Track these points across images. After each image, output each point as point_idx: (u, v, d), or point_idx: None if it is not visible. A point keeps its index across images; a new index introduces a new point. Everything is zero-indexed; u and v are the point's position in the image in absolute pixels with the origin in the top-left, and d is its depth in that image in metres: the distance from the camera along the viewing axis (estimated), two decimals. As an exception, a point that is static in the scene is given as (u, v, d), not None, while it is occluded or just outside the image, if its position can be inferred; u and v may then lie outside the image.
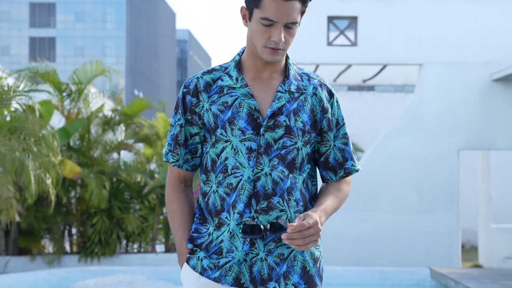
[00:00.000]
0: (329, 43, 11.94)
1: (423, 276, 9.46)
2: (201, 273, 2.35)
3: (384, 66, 12.89)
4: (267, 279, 2.31)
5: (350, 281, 9.54)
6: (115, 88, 14.21)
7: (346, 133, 2.49)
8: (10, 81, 9.45)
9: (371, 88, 32.35)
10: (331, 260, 11.47)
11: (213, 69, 2.42)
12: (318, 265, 2.42)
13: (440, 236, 11.64)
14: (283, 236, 2.17)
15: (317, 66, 13.23)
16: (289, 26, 2.29)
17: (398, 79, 14.56)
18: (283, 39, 2.28)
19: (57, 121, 12.10)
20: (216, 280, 2.33)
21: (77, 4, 67.33)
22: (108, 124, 11.70)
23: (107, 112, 12.30)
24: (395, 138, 11.81)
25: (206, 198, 2.39)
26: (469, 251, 15.74)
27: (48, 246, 11.56)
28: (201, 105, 2.37)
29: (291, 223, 2.18)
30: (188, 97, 2.39)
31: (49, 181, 6.90)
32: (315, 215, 2.23)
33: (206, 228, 2.39)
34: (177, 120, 2.42)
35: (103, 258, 11.03)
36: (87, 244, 11.06)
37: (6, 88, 6.66)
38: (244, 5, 2.37)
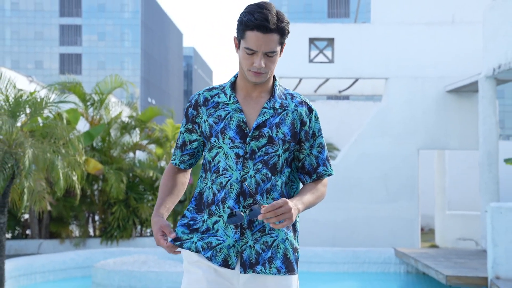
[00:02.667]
0: (310, 60, 11.95)
1: (388, 255, 9.45)
2: (196, 251, 2.38)
3: (357, 79, 12.91)
4: (255, 263, 2.33)
5: (327, 259, 9.54)
6: (131, 96, 14.16)
7: (321, 143, 2.50)
8: (43, 92, 9.43)
9: (346, 98, 32.33)
10: (311, 242, 11.49)
11: (214, 87, 2.46)
12: (296, 254, 2.43)
13: (403, 221, 11.67)
14: (259, 216, 2.19)
15: (300, 80, 13.23)
16: (269, 55, 2.31)
17: (368, 90, 14.58)
18: (263, 65, 2.30)
19: (82, 126, 12.07)
20: (208, 258, 2.35)
21: (99, 26, 67.12)
22: (125, 128, 11.67)
23: (125, 118, 12.27)
24: (366, 139, 11.83)
25: (202, 192, 2.44)
26: (427, 233, 15.78)
27: (75, 230, 11.53)
28: (200, 117, 2.42)
29: (265, 205, 2.23)
30: (190, 110, 2.44)
31: (75, 178, 6.88)
32: (286, 199, 2.25)
33: (201, 216, 2.42)
34: (182, 127, 2.50)
35: (121, 241, 11.01)
36: (108, 229, 11.03)
37: (39, 100, 6.64)
38: (235, 36, 2.40)
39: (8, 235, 10.97)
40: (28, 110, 6.68)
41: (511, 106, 58.73)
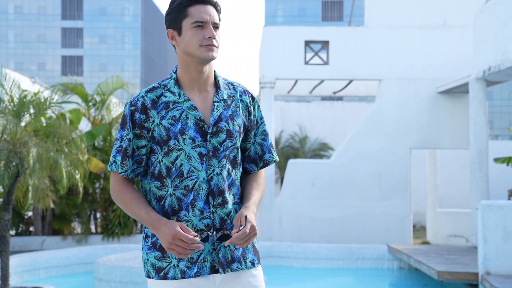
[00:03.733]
0: (306, 62, 11.94)
1: (382, 251, 9.43)
2: (182, 277, 2.20)
3: (351, 81, 12.90)
4: (231, 262, 2.24)
5: (323, 256, 9.52)
6: (131, 97, 14.14)
7: (264, 130, 2.40)
8: (46, 93, 9.40)
9: (340, 99, 32.38)
10: (307, 239, 11.49)
11: (154, 87, 2.26)
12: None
13: (395, 219, 11.67)
14: (226, 243, 2.14)
15: (296, 81, 13.21)
16: (215, 26, 2.23)
17: (361, 91, 14.58)
18: (215, 34, 2.20)
19: (84, 125, 12.05)
20: (196, 275, 2.20)
21: (101, 28, 67.04)
22: (126, 128, 11.63)
23: (125, 118, 12.23)
24: (360, 139, 11.83)
25: (162, 201, 2.23)
26: (419, 230, 15.77)
27: (77, 227, 11.50)
28: (151, 121, 2.20)
29: (234, 230, 2.13)
30: (137, 114, 2.21)
31: (77, 176, 6.85)
32: (250, 217, 2.16)
33: None
34: (125, 134, 2.22)
35: (122, 237, 10.98)
36: (109, 226, 11.01)
37: (43, 100, 6.61)
38: (170, 28, 2.25)
39: (12, 232, 10.93)
40: (32, 110, 6.65)
41: (500, 107, 58.88)
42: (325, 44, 11.96)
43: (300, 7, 64.41)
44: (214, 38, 2.21)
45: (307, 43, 11.98)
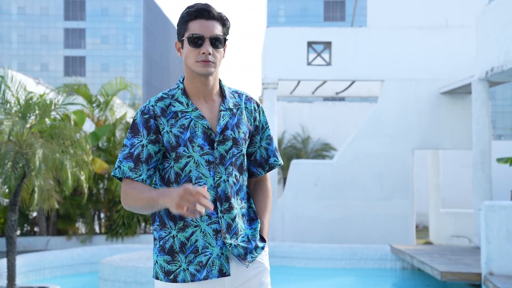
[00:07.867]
0: (309, 63, 11.96)
1: (384, 251, 9.44)
2: (192, 280, 2.27)
3: (353, 82, 12.92)
4: (244, 257, 2.31)
5: (325, 256, 9.53)
6: (133, 98, 14.20)
7: (269, 135, 2.48)
8: (51, 95, 9.44)
9: (342, 99, 32.38)
10: (309, 239, 11.51)
11: (162, 97, 2.33)
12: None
13: (398, 219, 11.69)
14: None
15: (298, 82, 13.23)
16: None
17: (363, 92, 14.60)
18: (210, 50, 2.23)
19: (88, 126, 12.09)
20: (205, 278, 2.27)
21: (103, 29, 67.10)
22: (129, 129, 11.68)
23: (129, 119, 12.28)
24: (362, 139, 11.84)
25: None
26: (422, 230, 15.78)
27: (81, 228, 11.54)
28: (161, 127, 2.27)
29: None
30: (151, 121, 2.27)
31: (83, 177, 6.89)
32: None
33: (167, 232, 2.30)
34: (138, 142, 2.26)
35: (126, 238, 11.02)
36: (113, 226, 11.04)
37: (48, 102, 6.65)
38: (177, 40, 2.33)
39: (17, 232, 10.97)
40: (37, 112, 6.68)
41: (502, 107, 58.82)
42: (327, 45, 11.98)
43: (302, 7, 64.39)
44: (210, 54, 2.25)
45: (310, 44, 12.00)
